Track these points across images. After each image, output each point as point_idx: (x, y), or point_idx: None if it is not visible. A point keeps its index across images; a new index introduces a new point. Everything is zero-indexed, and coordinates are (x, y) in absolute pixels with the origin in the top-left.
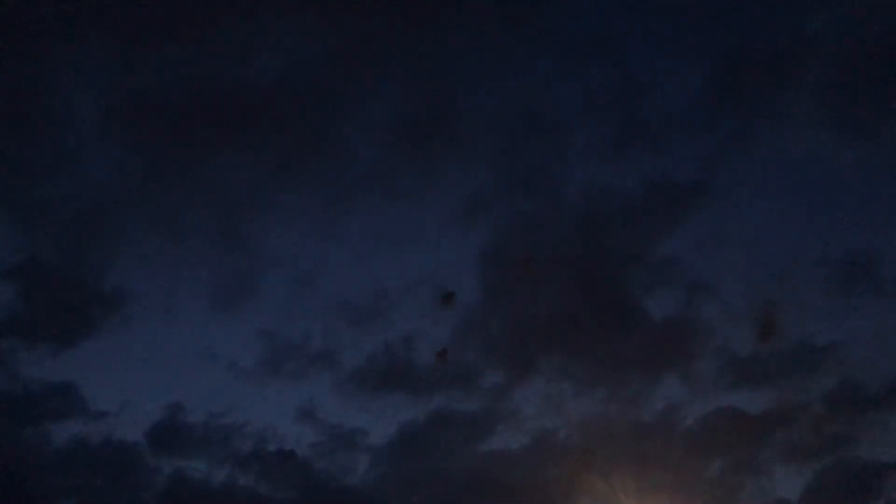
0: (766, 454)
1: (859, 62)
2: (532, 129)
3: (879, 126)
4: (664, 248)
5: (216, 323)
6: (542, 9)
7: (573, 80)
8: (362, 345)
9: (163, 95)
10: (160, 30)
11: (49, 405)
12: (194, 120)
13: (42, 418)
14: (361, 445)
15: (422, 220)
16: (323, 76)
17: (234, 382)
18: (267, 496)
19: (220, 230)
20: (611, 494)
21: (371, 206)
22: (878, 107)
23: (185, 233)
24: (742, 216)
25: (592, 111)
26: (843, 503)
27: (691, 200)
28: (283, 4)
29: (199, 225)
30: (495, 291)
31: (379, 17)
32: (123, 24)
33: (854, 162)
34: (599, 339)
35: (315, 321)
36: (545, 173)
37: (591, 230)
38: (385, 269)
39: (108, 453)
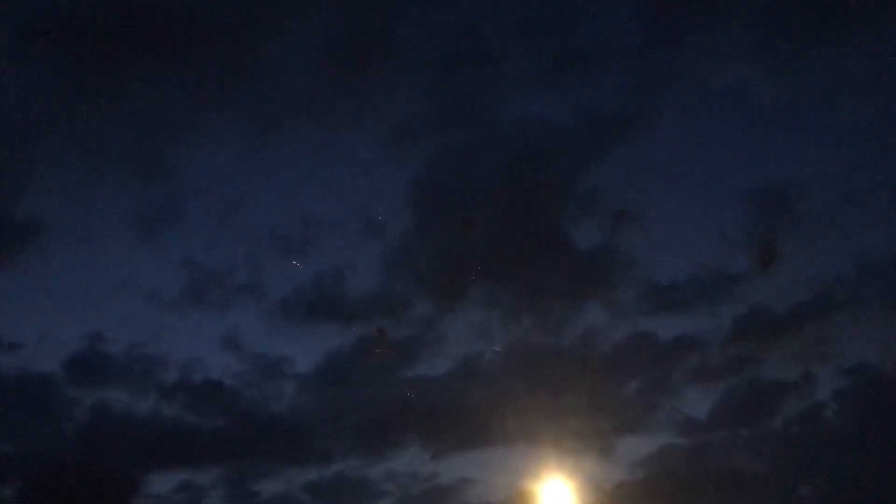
0: (678, 376)
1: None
2: (465, 59)
3: (802, 62)
4: (592, 179)
5: (137, 252)
6: None
7: (507, 9)
8: (290, 274)
9: (80, 13)
10: None
11: None
12: (113, 39)
13: None
14: (288, 373)
15: (352, 148)
16: None
17: (156, 312)
18: (193, 426)
19: (141, 155)
20: (531, 416)
21: (300, 133)
22: (801, 44)
23: (104, 158)
24: (669, 147)
25: (525, 41)
26: (748, 420)
27: (620, 131)
28: None
29: (119, 150)
30: (425, 221)
31: None
32: None
33: (777, 96)
34: (526, 268)
35: (241, 250)
36: (477, 103)
37: (521, 160)
38: (314, 198)
39: (24, 386)
